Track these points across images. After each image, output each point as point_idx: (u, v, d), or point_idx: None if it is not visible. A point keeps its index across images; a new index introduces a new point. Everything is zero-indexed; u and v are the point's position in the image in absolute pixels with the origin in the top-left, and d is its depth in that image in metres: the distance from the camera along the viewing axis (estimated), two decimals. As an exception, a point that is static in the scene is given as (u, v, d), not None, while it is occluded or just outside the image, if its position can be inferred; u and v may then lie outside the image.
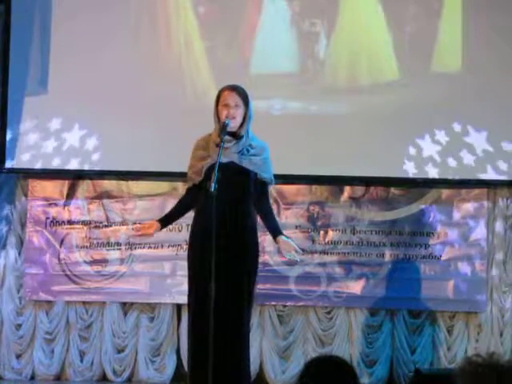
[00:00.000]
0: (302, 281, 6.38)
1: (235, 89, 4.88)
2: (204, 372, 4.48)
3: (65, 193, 6.55)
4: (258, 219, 5.05)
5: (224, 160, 4.72)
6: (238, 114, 4.83)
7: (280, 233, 4.91)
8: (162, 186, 6.45)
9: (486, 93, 6.29)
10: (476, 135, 6.29)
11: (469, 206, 6.41)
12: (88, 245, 6.52)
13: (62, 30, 6.44)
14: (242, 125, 4.86)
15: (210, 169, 4.70)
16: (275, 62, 6.42)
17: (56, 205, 6.55)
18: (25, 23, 6.47)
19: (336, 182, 6.44)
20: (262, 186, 4.92)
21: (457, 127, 6.30)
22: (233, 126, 4.81)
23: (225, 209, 4.68)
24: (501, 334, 6.39)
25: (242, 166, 4.83)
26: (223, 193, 4.55)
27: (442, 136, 6.30)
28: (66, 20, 6.44)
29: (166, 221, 5.03)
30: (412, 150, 6.29)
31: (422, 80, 6.34)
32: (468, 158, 6.30)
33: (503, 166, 6.29)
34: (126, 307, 6.54)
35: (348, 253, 6.41)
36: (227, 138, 4.79)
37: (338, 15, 6.40)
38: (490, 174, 6.29)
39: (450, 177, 6.31)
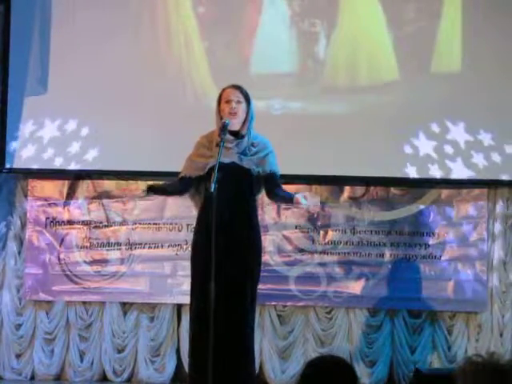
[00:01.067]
0: (302, 281, 6.39)
1: (237, 87, 4.93)
2: (205, 373, 4.48)
3: (65, 193, 6.55)
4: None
5: (226, 160, 4.73)
6: (241, 109, 4.85)
7: (294, 194, 4.90)
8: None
9: (486, 93, 6.29)
10: (476, 135, 6.29)
11: (469, 206, 6.41)
12: (88, 245, 6.52)
13: (62, 29, 6.45)
14: (243, 123, 4.87)
15: (212, 170, 4.72)
16: (275, 62, 6.42)
17: (56, 205, 6.55)
18: (25, 23, 6.47)
19: (336, 182, 6.44)
20: (271, 179, 4.92)
21: (456, 127, 6.30)
22: (235, 121, 4.83)
23: (227, 209, 4.69)
24: (501, 334, 6.39)
25: (244, 167, 4.84)
26: (225, 193, 4.56)
27: (441, 136, 6.29)
28: (66, 20, 6.44)
29: (153, 189, 5.00)
30: (412, 150, 6.29)
31: (421, 80, 6.34)
32: (468, 158, 6.29)
33: (503, 165, 6.29)
34: (125, 307, 6.54)
35: (348, 253, 6.41)
36: (229, 137, 4.81)
37: (338, 15, 6.40)
38: (490, 174, 6.28)
39: (450, 177, 6.30)
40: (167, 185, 5.12)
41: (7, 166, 6.45)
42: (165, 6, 6.48)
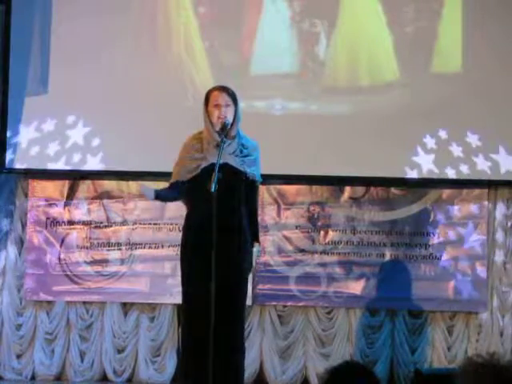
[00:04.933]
0: (303, 281, 6.39)
1: (224, 89, 4.89)
2: (204, 372, 4.50)
3: (65, 193, 6.56)
4: (259, 219, 5.07)
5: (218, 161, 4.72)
6: (229, 112, 4.84)
7: (255, 240, 4.94)
8: (162, 186, 6.43)
9: (486, 92, 6.29)
10: (476, 135, 6.29)
11: (469, 207, 6.41)
12: (88, 245, 6.52)
13: (63, 29, 6.44)
14: (232, 125, 4.85)
15: (206, 170, 4.72)
16: (275, 62, 6.42)
17: (56, 205, 6.55)
18: (25, 23, 6.47)
19: (336, 182, 6.44)
20: (252, 184, 4.92)
21: (456, 127, 6.30)
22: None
23: (219, 210, 4.67)
24: (501, 335, 6.39)
25: (237, 168, 4.83)
26: (218, 194, 4.55)
27: (441, 136, 6.30)
28: (67, 20, 6.45)
29: (159, 196, 4.97)
30: (412, 150, 6.29)
31: (421, 80, 6.34)
32: (468, 158, 6.29)
33: (502, 165, 6.29)
34: (126, 307, 6.54)
35: (348, 253, 6.41)
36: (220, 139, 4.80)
37: (339, 15, 6.40)
38: (489, 175, 6.29)
39: (450, 177, 6.31)
40: (166, 191, 5.07)
41: (7, 166, 6.45)
42: (165, 7, 6.48)
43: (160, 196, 5.00)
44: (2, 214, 6.59)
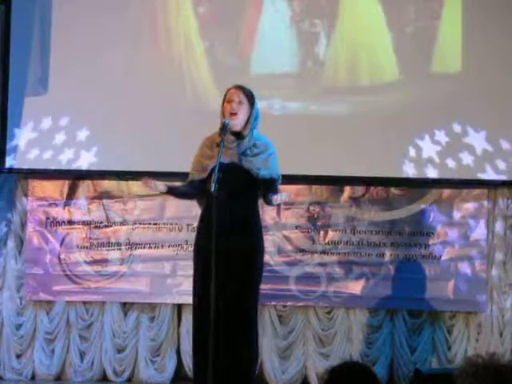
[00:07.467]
0: (302, 281, 6.39)
1: (241, 87, 4.92)
2: (208, 373, 4.49)
3: (65, 193, 6.56)
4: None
5: (226, 161, 4.73)
6: (241, 110, 4.83)
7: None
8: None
9: (486, 93, 6.29)
10: (476, 135, 6.29)
11: (469, 206, 6.41)
12: (88, 245, 6.52)
13: (63, 29, 6.45)
14: (246, 124, 4.86)
15: (213, 169, 4.71)
16: (275, 62, 6.42)
17: (56, 205, 6.55)
18: (25, 23, 6.47)
19: (336, 182, 6.44)
20: (269, 185, 4.88)
21: (457, 127, 6.30)
22: (236, 123, 4.81)
23: (227, 209, 4.68)
24: (501, 334, 6.39)
25: (243, 167, 4.83)
26: (226, 194, 4.55)
27: (441, 136, 6.30)
28: (67, 20, 6.45)
29: (171, 190, 4.96)
30: (412, 150, 6.30)
31: (421, 80, 6.35)
32: (468, 158, 6.30)
33: (503, 165, 6.29)
34: (126, 307, 6.54)
35: (348, 253, 6.41)
36: (230, 138, 4.80)
37: (338, 15, 6.40)
38: (489, 174, 6.29)
39: (450, 177, 6.31)
40: (182, 187, 5.08)
41: (7, 166, 6.45)
42: (165, 7, 6.48)
43: (173, 190, 4.99)
44: (2, 214, 6.59)
